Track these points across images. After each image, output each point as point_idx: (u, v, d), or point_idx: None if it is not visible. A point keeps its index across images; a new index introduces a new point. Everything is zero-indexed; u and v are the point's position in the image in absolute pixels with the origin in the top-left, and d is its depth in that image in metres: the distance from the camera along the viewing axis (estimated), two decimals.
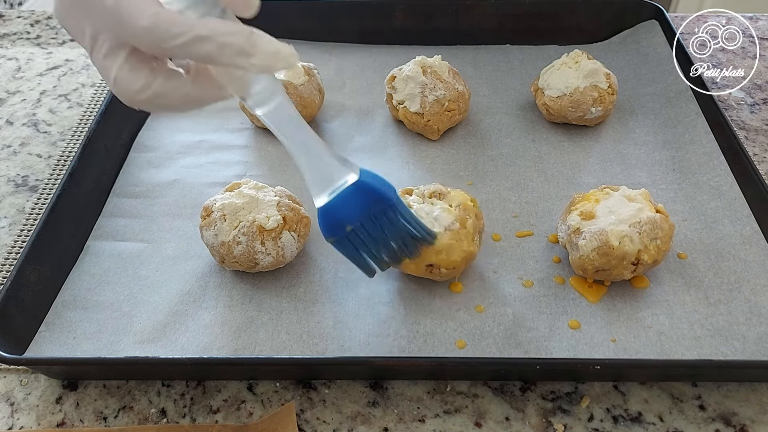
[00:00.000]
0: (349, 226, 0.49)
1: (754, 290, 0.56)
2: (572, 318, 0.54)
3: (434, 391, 0.51)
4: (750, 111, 0.78)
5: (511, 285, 0.57)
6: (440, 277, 0.55)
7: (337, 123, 0.77)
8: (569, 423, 0.49)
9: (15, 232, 0.64)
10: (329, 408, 0.50)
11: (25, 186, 0.69)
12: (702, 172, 0.67)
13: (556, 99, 0.72)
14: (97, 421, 0.49)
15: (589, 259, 0.54)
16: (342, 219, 0.49)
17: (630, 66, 0.82)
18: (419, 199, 0.57)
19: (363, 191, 0.49)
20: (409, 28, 0.87)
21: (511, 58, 0.86)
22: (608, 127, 0.74)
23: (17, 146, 0.75)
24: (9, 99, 0.82)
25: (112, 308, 0.56)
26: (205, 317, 0.55)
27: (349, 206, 0.49)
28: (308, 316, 0.55)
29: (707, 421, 0.49)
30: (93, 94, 0.82)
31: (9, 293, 0.52)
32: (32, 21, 0.97)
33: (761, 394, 0.50)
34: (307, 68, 0.74)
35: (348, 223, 0.49)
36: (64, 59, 0.89)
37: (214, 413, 0.50)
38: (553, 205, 0.65)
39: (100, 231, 0.63)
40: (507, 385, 0.51)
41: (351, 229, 0.49)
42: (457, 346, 0.52)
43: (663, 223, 0.55)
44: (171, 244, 0.61)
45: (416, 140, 0.74)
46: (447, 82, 0.72)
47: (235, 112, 0.76)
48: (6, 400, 0.51)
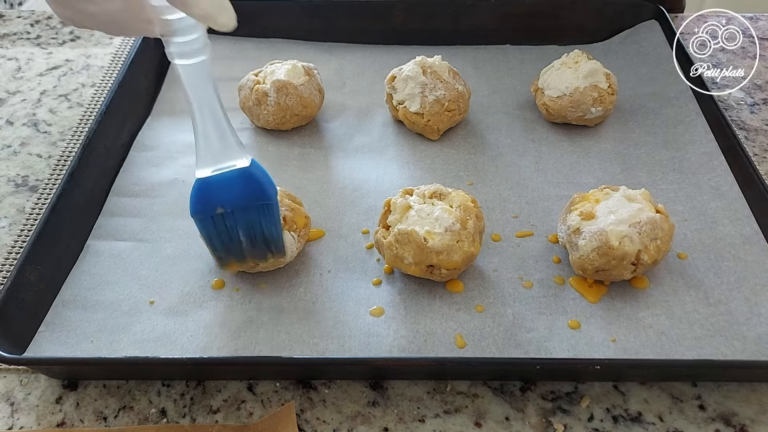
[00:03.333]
0: (221, 208, 0.49)
1: (754, 290, 0.56)
2: (572, 318, 0.54)
3: (434, 391, 0.51)
4: (750, 111, 0.78)
5: (511, 285, 0.57)
6: (440, 278, 0.55)
7: (337, 123, 0.77)
8: (569, 423, 0.49)
9: (15, 232, 0.64)
10: (329, 408, 0.50)
11: (25, 186, 0.69)
12: (702, 172, 0.67)
13: (556, 99, 0.72)
14: (97, 421, 0.49)
15: (589, 259, 0.54)
16: (216, 199, 0.49)
17: (630, 66, 0.82)
18: (420, 199, 0.57)
19: (246, 179, 0.49)
20: (409, 28, 0.87)
21: (511, 58, 0.86)
22: (608, 127, 0.74)
23: (17, 146, 0.75)
24: (9, 99, 0.82)
25: (112, 308, 0.56)
26: (205, 317, 0.55)
27: (227, 189, 0.48)
28: (308, 316, 0.55)
29: (707, 421, 0.49)
30: (93, 94, 0.82)
31: (9, 293, 0.52)
32: (32, 21, 0.97)
33: (761, 394, 0.50)
34: (307, 68, 0.74)
35: (220, 204, 0.49)
36: (64, 59, 0.89)
37: (214, 413, 0.50)
38: (553, 205, 0.65)
39: (100, 230, 0.63)
40: (507, 385, 0.51)
41: (221, 212, 0.49)
42: (457, 346, 0.52)
43: (663, 223, 0.55)
44: (171, 243, 0.61)
45: (416, 140, 0.74)
46: (447, 82, 0.72)
47: (235, 112, 0.76)
48: (6, 400, 0.51)
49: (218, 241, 0.51)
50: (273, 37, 0.89)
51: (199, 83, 0.45)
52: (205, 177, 0.48)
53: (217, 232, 0.50)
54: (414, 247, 0.53)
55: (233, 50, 0.86)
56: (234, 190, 0.49)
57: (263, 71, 0.74)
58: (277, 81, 0.71)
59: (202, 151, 0.48)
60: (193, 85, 0.45)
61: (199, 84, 0.45)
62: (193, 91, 0.45)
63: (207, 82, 0.45)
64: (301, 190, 0.64)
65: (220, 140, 0.48)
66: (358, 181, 0.68)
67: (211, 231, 0.50)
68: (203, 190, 0.48)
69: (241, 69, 0.79)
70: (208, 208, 0.49)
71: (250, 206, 0.49)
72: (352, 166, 0.70)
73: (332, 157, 0.72)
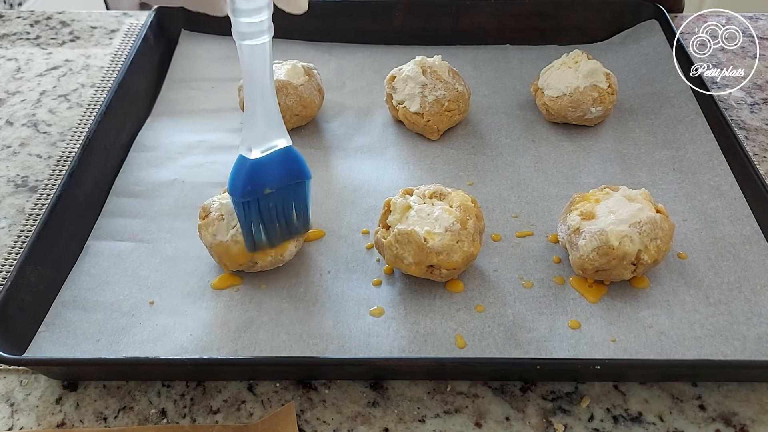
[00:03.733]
0: (269, 188, 0.49)
1: (754, 290, 0.56)
2: (572, 318, 0.54)
3: (434, 391, 0.51)
4: (750, 111, 0.78)
5: (512, 285, 0.57)
6: (441, 278, 0.55)
7: (337, 123, 0.76)
8: (569, 423, 0.49)
9: (15, 232, 0.64)
10: (329, 408, 0.50)
11: (25, 186, 0.69)
12: (702, 171, 0.67)
13: (556, 99, 0.72)
14: (97, 422, 0.49)
15: (589, 259, 0.54)
16: (264, 180, 0.49)
17: (630, 66, 0.82)
18: (420, 199, 0.57)
19: (290, 158, 0.50)
20: (409, 28, 0.87)
21: (510, 58, 0.86)
22: (608, 127, 0.74)
23: (17, 146, 0.75)
24: (9, 99, 0.82)
25: (112, 308, 0.55)
26: (205, 317, 0.55)
27: (272, 169, 0.49)
28: (308, 316, 0.55)
29: (707, 421, 0.49)
30: (93, 94, 0.82)
31: (9, 293, 0.52)
32: (32, 21, 0.97)
33: (761, 394, 0.50)
34: (307, 68, 0.74)
35: (268, 185, 0.49)
36: (63, 59, 0.89)
37: (214, 413, 0.50)
38: (553, 205, 0.65)
39: (99, 231, 0.63)
40: (507, 385, 0.51)
41: (268, 192, 0.49)
42: (458, 346, 0.52)
43: (663, 222, 0.55)
44: (171, 244, 0.61)
45: (416, 140, 0.74)
46: (447, 82, 0.72)
47: (236, 111, 0.76)
48: (6, 400, 0.51)
49: (259, 224, 0.51)
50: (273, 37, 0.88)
51: (258, 63, 0.46)
52: (256, 158, 0.49)
53: (261, 214, 0.50)
54: (414, 247, 0.53)
55: (233, 50, 0.86)
56: (277, 169, 0.50)
57: None
58: (277, 81, 0.71)
59: (249, 132, 0.49)
60: (253, 64, 0.46)
61: (257, 64, 0.46)
62: (250, 72, 0.47)
63: (266, 62, 0.47)
64: None
65: (268, 121, 0.49)
66: (358, 181, 0.68)
67: (255, 213, 0.50)
68: (254, 172, 0.49)
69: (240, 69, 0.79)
70: (258, 190, 0.49)
71: (289, 185, 0.51)
72: (352, 166, 0.70)
73: (332, 157, 0.72)
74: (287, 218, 0.52)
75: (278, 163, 0.50)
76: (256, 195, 0.50)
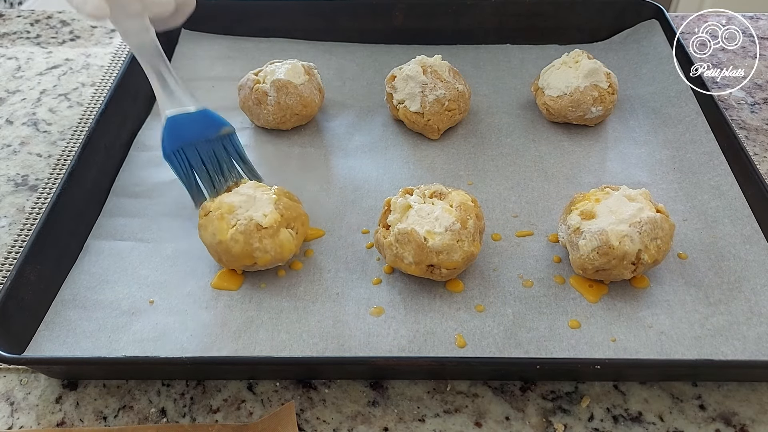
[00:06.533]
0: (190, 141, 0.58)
1: (754, 290, 0.56)
2: (572, 318, 0.54)
3: (434, 390, 0.51)
4: (750, 111, 0.78)
5: (512, 285, 0.57)
6: (441, 278, 0.55)
7: (337, 122, 0.76)
8: (569, 423, 0.49)
9: (15, 231, 0.64)
10: (329, 408, 0.50)
11: (25, 185, 0.69)
12: (702, 171, 0.67)
13: (556, 98, 0.72)
14: (97, 421, 0.49)
15: (589, 259, 0.54)
16: (185, 134, 0.59)
17: (630, 66, 0.82)
18: (420, 199, 0.57)
19: (208, 117, 0.60)
20: (409, 27, 0.87)
21: (511, 58, 0.86)
22: (608, 127, 0.74)
23: (17, 146, 0.75)
24: (9, 98, 0.82)
25: (112, 307, 0.55)
26: (205, 316, 0.55)
27: (192, 126, 0.59)
28: (308, 315, 0.55)
29: (707, 421, 0.49)
30: (93, 94, 0.82)
31: (9, 293, 0.52)
32: (32, 20, 0.97)
33: (761, 394, 0.50)
34: (307, 68, 0.74)
35: (189, 139, 0.58)
36: (64, 59, 0.89)
37: (214, 413, 0.50)
38: (553, 205, 0.65)
39: (99, 230, 0.63)
40: (507, 385, 0.51)
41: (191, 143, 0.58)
42: (458, 345, 0.52)
43: (663, 222, 0.55)
44: (171, 243, 0.61)
45: (416, 140, 0.74)
46: (447, 81, 0.72)
47: (235, 112, 0.75)
48: (6, 399, 0.51)
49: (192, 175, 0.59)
50: (273, 36, 0.89)
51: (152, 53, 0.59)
52: (173, 115, 0.58)
53: (191, 165, 0.59)
54: (414, 247, 0.53)
55: (233, 50, 0.86)
56: (197, 126, 0.59)
57: (263, 71, 0.74)
58: (277, 80, 0.71)
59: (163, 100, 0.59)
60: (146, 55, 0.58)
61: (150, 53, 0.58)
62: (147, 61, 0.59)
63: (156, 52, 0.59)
64: (301, 190, 0.64)
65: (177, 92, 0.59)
66: (358, 181, 0.68)
67: (186, 165, 0.59)
68: (173, 127, 0.58)
69: (241, 69, 0.79)
70: (178, 141, 0.58)
71: (214, 138, 0.60)
72: (352, 166, 0.70)
73: (332, 157, 0.72)
74: (221, 166, 0.60)
75: (197, 122, 0.59)
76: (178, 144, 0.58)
